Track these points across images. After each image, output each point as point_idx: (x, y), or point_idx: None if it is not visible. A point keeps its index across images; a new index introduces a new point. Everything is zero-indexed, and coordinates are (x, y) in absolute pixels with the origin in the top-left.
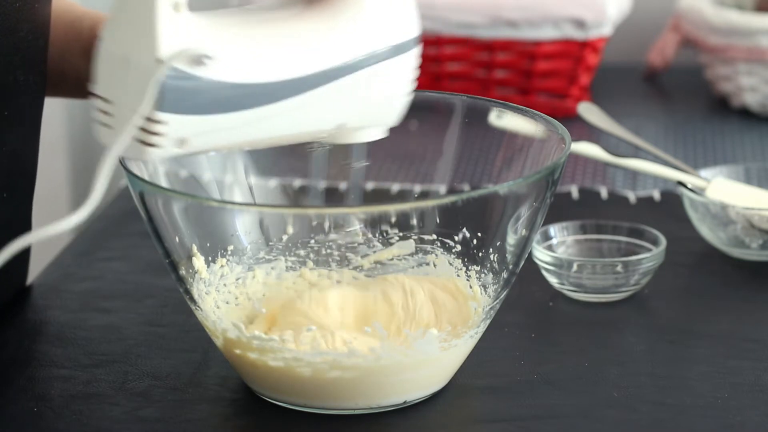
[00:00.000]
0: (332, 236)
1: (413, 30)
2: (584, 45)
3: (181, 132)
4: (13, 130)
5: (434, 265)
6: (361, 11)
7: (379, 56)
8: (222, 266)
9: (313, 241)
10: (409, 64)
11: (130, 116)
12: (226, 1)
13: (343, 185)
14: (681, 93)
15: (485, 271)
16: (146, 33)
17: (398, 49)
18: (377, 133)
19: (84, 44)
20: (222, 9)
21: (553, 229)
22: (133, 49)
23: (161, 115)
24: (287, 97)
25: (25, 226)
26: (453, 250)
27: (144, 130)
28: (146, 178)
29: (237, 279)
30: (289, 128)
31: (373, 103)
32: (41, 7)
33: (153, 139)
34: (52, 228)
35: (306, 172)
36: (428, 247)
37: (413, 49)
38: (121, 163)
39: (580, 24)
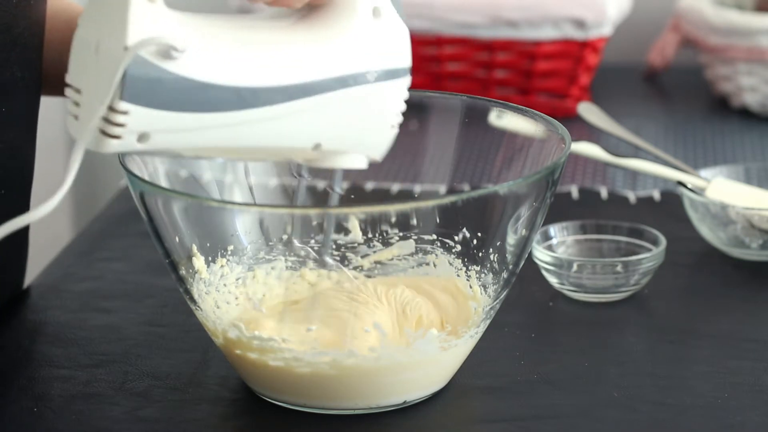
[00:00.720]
0: (332, 236)
1: (404, 59)
2: (584, 45)
3: (142, 126)
4: (10, 127)
5: (434, 265)
6: (351, 31)
7: (363, 78)
8: (222, 266)
9: (313, 241)
10: (397, 93)
11: (95, 106)
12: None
13: (343, 185)
14: (681, 93)
15: (485, 271)
16: (117, 20)
17: (386, 75)
18: (359, 161)
19: None
20: (216, 14)
21: (553, 229)
22: (104, 36)
23: (123, 105)
24: (259, 106)
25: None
26: (453, 250)
27: (106, 120)
28: (146, 178)
29: (237, 279)
30: (261, 140)
31: (354, 128)
32: (37, 4)
33: (114, 129)
34: (21, 219)
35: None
36: (428, 247)
37: (402, 78)
38: (121, 163)
39: (580, 24)
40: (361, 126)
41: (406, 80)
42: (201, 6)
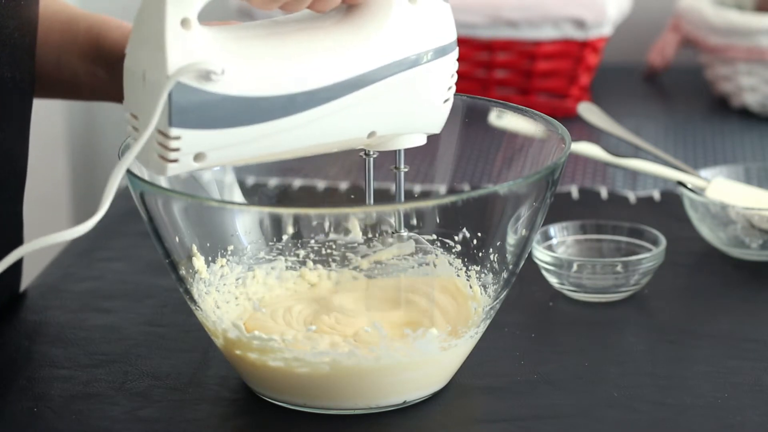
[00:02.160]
0: (332, 236)
1: (449, 35)
2: (584, 45)
3: (196, 147)
4: (2, 128)
5: (434, 265)
6: (390, 21)
7: (410, 63)
8: (222, 266)
9: (313, 241)
10: (446, 69)
11: (149, 133)
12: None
13: (343, 185)
14: (681, 93)
15: (485, 271)
16: (157, 50)
17: (434, 55)
18: (417, 139)
19: (80, 46)
20: (250, 22)
21: (553, 229)
22: (148, 66)
23: (174, 131)
24: (307, 109)
25: (17, 225)
26: (453, 250)
27: (161, 145)
28: (146, 178)
29: (237, 279)
30: (316, 138)
31: (407, 110)
32: (28, 5)
33: (170, 154)
34: (58, 236)
35: (306, 172)
36: (428, 247)
37: (449, 54)
38: None
39: (580, 24)
40: (414, 108)
41: (454, 54)
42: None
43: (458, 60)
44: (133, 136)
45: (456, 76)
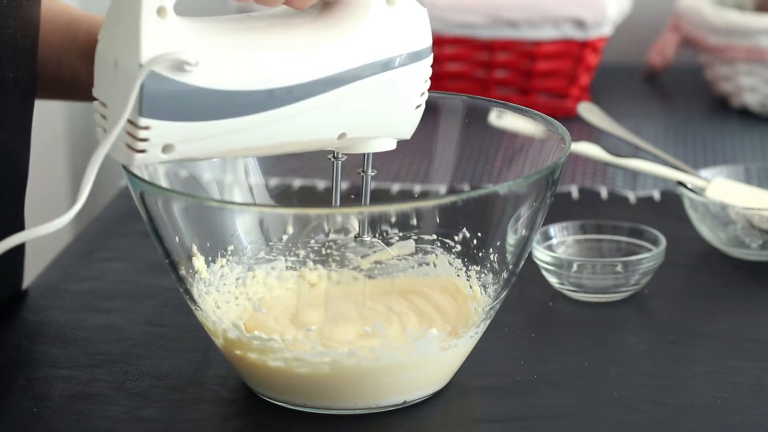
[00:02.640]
0: (332, 236)
1: (424, 41)
2: (584, 45)
3: (165, 138)
4: (3, 128)
5: (434, 265)
6: (366, 22)
7: (383, 66)
8: (222, 266)
9: (313, 241)
10: (419, 74)
11: (118, 121)
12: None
13: (343, 184)
14: (681, 93)
15: (485, 271)
16: (131, 37)
17: (408, 59)
18: (387, 143)
19: (81, 47)
20: (226, 15)
21: (553, 229)
22: (121, 53)
23: (144, 120)
24: (278, 106)
25: (18, 226)
26: (453, 250)
27: (130, 135)
28: (146, 178)
29: (237, 279)
30: (284, 137)
31: (378, 114)
32: (29, 5)
33: (138, 144)
34: (42, 229)
35: (306, 172)
36: (428, 247)
37: (424, 60)
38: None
39: (580, 24)
40: (385, 111)
41: (428, 60)
42: (202, 6)
43: (458, 60)
44: (100, 123)
45: (429, 83)
